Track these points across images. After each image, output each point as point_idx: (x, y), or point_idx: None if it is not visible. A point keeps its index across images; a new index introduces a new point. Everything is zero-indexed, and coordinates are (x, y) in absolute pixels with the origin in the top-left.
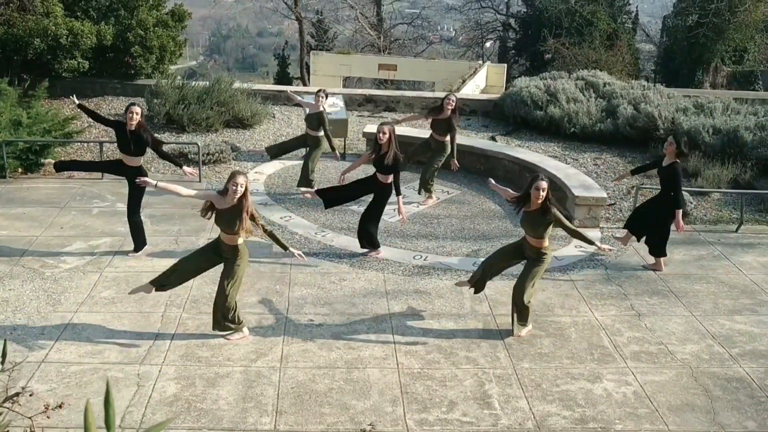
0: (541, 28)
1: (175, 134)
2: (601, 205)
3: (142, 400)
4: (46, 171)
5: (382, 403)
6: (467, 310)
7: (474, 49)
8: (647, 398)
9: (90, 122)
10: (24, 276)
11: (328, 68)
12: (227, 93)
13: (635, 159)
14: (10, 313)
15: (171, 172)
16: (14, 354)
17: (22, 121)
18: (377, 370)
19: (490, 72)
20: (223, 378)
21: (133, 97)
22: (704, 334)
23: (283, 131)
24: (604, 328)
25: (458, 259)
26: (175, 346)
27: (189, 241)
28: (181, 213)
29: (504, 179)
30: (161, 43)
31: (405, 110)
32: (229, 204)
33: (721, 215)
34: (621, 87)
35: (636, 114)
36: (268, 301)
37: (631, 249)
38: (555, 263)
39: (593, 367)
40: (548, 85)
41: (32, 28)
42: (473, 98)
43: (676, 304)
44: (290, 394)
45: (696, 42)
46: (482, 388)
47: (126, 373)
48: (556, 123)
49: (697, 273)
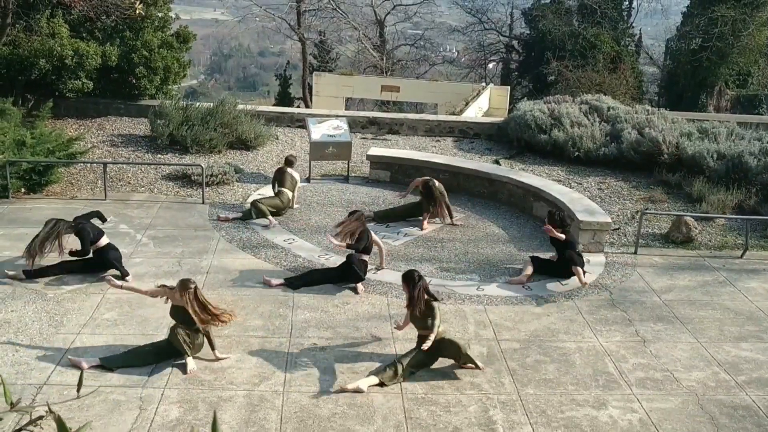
0: (545, 50)
1: (179, 155)
2: (605, 230)
3: (144, 423)
4: (49, 191)
5: (386, 429)
6: (471, 335)
7: (477, 70)
8: (653, 426)
9: (94, 143)
10: (26, 297)
11: (330, 89)
12: (231, 114)
13: (639, 183)
14: (12, 334)
15: (174, 193)
16: (16, 376)
17: (26, 142)
18: (381, 395)
19: (493, 94)
20: (226, 402)
21: (137, 117)
22: (710, 361)
23: (287, 153)
24: (609, 354)
25: (462, 283)
26: (178, 369)
27: (192, 263)
28: (184, 235)
29: (508, 203)
30: (166, 64)
31: (408, 133)
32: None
33: (726, 241)
34: (625, 111)
35: (640, 138)
36: (272, 325)
37: (635, 274)
38: (559, 288)
39: (598, 393)
40: (552, 108)
41: (38, 48)
42: (477, 121)
43: (681, 330)
44: (293, 419)
45: (700, 65)
46: (487, 413)
47: (128, 396)
48: (560, 147)
49: (703, 299)
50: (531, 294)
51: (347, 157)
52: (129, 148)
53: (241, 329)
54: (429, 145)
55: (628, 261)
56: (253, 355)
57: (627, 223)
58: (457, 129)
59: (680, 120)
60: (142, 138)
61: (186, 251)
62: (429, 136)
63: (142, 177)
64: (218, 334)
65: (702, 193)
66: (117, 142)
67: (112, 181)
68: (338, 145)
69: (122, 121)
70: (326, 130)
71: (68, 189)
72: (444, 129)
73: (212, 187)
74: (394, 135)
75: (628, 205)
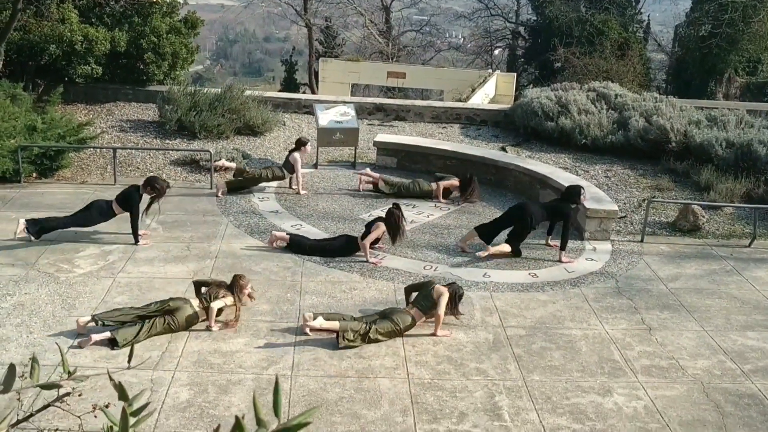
0: (551, 36)
1: (187, 141)
2: (612, 218)
3: (155, 405)
4: (60, 176)
5: (393, 413)
6: (477, 321)
7: (483, 56)
8: (658, 413)
9: (103, 128)
10: (39, 280)
11: (336, 75)
12: (238, 100)
13: (646, 171)
14: (26, 316)
15: (182, 179)
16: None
17: (37, 127)
18: (388, 380)
19: (500, 81)
20: (235, 385)
21: (145, 102)
22: (716, 350)
23: (294, 139)
24: (615, 341)
25: (468, 269)
26: (188, 353)
27: (201, 248)
28: (193, 220)
29: (514, 190)
30: (174, 50)
31: (415, 119)
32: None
33: (734, 230)
34: (633, 99)
35: (648, 126)
36: (280, 309)
37: (642, 263)
38: (566, 275)
39: (604, 380)
40: (559, 96)
41: (48, 34)
42: (484, 108)
43: (687, 318)
44: (301, 402)
45: (709, 52)
46: (492, 399)
47: (140, 378)
48: (567, 134)
49: (709, 287)
50: (537, 281)
51: (354, 143)
52: (138, 133)
53: (250, 314)
54: (436, 132)
55: (634, 249)
56: (261, 339)
57: (634, 211)
58: (464, 116)
59: (688, 108)
60: (151, 123)
61: (195, 236)
62: (436, 123)
63: (151, 162)
64: (227, 319)
65: (710, 181)
66: (126, 128)
67: (121, 166)
68: (345, 132)
69: (131, 107)
70: (333, 116)
71: (79, 174)
72: (451, 116)
73: (220, 173)
74: (401, 121)
75: (635, 193)
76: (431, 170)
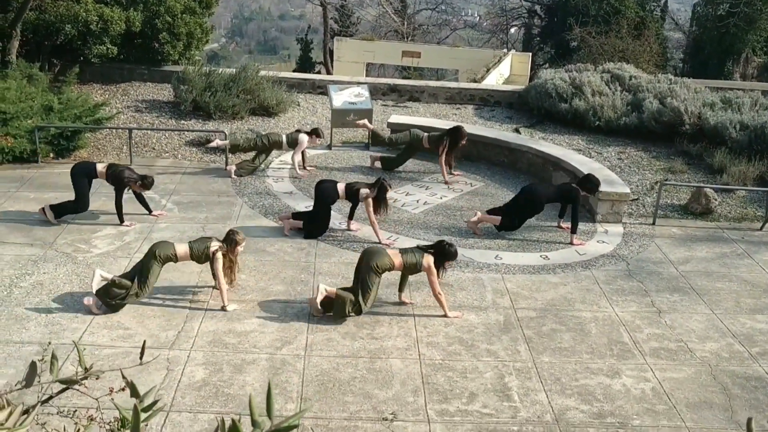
0: (567, 15)
1: (202, 121)
2: (624, 201)
3: (171, 383)
4: (76, 156)
5: (404, 393)
6: (489, 302)
7: (498, 35)
8: (665, 395)
9: (119, 108)
10: (57, 260)
11: (351, 54)
12: (253, 81)
13: (659, 154)
14: (45, 296)
15: (197, 159)
16: (50, 336)
17: (54, 107)
18: (399, 360)
19: (515, 61)
20: (250, 364)
21: (160, 83)
22: (725, 333)
23: (308, 119)
24: (624, 323)
25: (480, 251)
26: (203, 332)
27: (216, 229)
28: (208, 200)
29: (527, 172)
30: (189, 30)
31: (429, 100)
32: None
33: (746, 213)
34: (647, 81)
35: (662, 108)
36: (293, 290)
37: (653, 245)
38: (577, 258)
39: (612, 362)
40: (573, 77)
41: (63, 14)
42: (498, 89)
43: (697, 301)
44: (314, 382)
45: (726, 32)
46: (502, 380)
47: (156, 357)
48: (581, 116)
49: (720, 271)
50: (548, 263)
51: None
52: (153, 113)
53: (264, 294)
54: (449, 113)
55: (646, 232)
56: (275, 319)
57: (646, 194)
58: (478, 96)
59: (703, 90)
60: (166, 104)
61: (210, 217)
62: (449, 104)
63: (166, 143)
64: (242, 299)
65: (723, 164)
66: (141, 108)
67: (137, 147)
68: (359, 112)
69: (146, 87)
70: (347, 97)
71: (95, 154)
72: (465, 96)
73: (235, 153)
74: (415, 102)
75: (647, 176)
76: None
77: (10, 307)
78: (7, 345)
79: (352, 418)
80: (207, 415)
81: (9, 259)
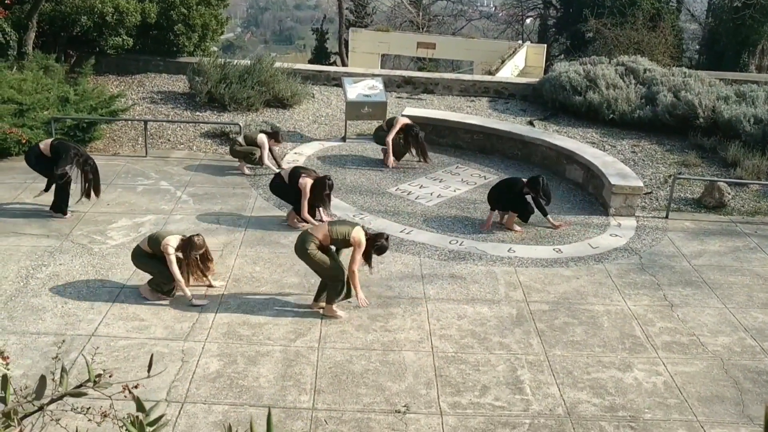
0: (583, 6)
1: (217, 113)
2: (637, 194)
3: (186, 375)
4: (92, 148)
5: (417, 386)
6: (501, 296)
7: (514, 26)
8: (677, 389)
9: (134, 100)
10: (73, 251)
11: (366, 45)
12: (268, 72)
13: (673, 147)
14: (61, 287)
15: (212, 151)
16: (65, 327)
17: (70, 98)
18: (412, 353)
19: (530, 52)
20: (264, 356)
21: (175, 74)
22: (737, 327)
23: (323, 112)
24: (637, 317)
25: (493, 244)
26: (218, 324)
27: (230, 220)
28: (223, 192)
29: (541, 165)
30: (204, 22)
31: (443, 92)
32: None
33: (759, 207)
34: (662, 74)
35: (676, 101)
36: (307, 282)
37: (666, 239)
38: (590, 251)
39: (624, 356)
40: (588, 70)
41: (79, 5)
42: (512, 82)
43: (709, 295)
44: (328, 374)
45: (742, 23)
46: (514, 373)
47: (171, 348)
48: (595, 109)
49: (733, 265)
50: (561, 256)
51: (382, 116)
52: (168, 105)
53: (278, 286)
54: (464, 105)
55: (659, 225)
56: (289, 311)
57: (659, 187)
58: (492, 89)
59: (718, 83)
60: (181, 95)
61: (224, 208)
62: (464, 96)
63: (181, 134)
64: (255, 291)
65: (737, 157)
66: (157, 99)
67: (152, 138)
68: (374, 105)
69: (161, 78)
70: (362, 89)
71: (110, 146)
72: (479, 89)
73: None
74: (429, 94)
75: (661, 169)
76: (458, 144)
77: (26, 298)
78: (24, 336)
79: (365, 410)
80: (221, 407)
81: (26, 250)
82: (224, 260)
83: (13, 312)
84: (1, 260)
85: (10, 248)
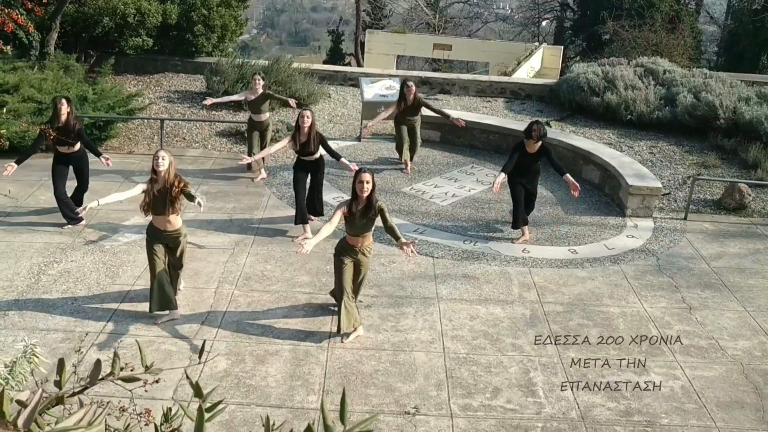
0: (600, 8)
1: (233, 112)
2: (655, 195)
3: (193, 374)
4: (108, 146)
5: (427, 387)
6: (515, 296)
7: (530, 28)
8: (695, 393)
9: (151, 99)
10: (85, 248)
11: (382, 47)
12: (285, 73)
13: (692, 148)
14: (71, 283)
15: (227, 150)
16: (75, 323)
17: (88, 97)
18: (423, 353)
19: (546, 54)
20: (272, 356)
21: (193, 74)
22: (757, 330)
23: (338, 111)
24: (653, 320)
25: (507, 244)
26: (227, 323)
27: (243, 219)
28: (236, 190)
29: None
30: (223, 23)
31: (460, 93)
32: (162, 184)
33: None
34: (681, 75)
35: (696, 102)
36: (318, 281)
37: (684, 240)
38: (605, 252)
39: (641, 359)
40: (606, 71)
41: (102, 7)
42: (528, 83)
43: (729, 298)
44: (337, 374)
45: (762, 25)
46: (527, 375)
47: (179, 346)
48: (613, 110)
49: (753, 267)
50: (576, 257)
51: None
52: (185, 104)
53: (289, 285)
54: (480, 106)
55: (677, 227)
56: (299, 310)
57: (678, 189)
58: (509, 90)
59: (738, 84)
60: (198, 94)
61: (237, 207)
62: (480, 97)
63: (196, 133)
64: (266, 290)
65: (758, 159)
66: (173, 98)
67: (168, 137)
68: (390, 105)
69: (179, 78)
70: (379, 90)
71: (126, 144)
72: (495, 90)
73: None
74: (446, 95)
75: (679, 170)
76: (474, 144)
77: (37, 294)
78: (33, 332)
79: (374, 411)
80: (228, 406)
81: (39, 246)
82: (235, 258)
83: (23, 308)
84: (14, 256)
85: (24, 245)
